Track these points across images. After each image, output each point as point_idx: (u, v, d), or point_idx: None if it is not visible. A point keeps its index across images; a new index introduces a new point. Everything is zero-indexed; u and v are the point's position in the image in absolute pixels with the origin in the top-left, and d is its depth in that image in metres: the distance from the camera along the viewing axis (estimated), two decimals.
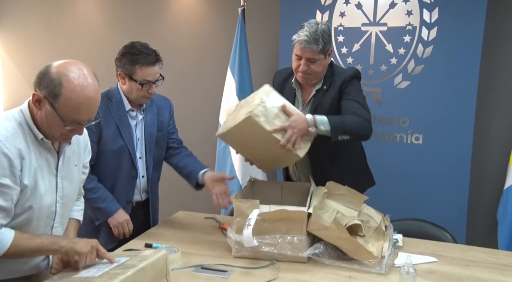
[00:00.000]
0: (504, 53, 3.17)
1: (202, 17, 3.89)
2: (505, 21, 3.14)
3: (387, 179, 2.46)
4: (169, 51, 4.01)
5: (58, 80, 1.36)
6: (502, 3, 3.11)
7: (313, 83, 2.27)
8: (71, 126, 1.41)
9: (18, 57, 4.51)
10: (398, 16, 3.07)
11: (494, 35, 3.11)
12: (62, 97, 1.36)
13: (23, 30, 4.45)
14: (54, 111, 1.38)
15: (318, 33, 2.11)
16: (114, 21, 4.13)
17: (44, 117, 1.41)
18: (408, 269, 1.55)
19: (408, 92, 3.09)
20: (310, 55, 2.14)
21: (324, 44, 2.13)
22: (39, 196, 1.48)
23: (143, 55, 2.07)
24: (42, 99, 1.39)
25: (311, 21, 2.18)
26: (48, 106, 1.38)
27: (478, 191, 3.22)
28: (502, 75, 3.20)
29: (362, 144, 2.46)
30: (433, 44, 3.02)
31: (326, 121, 2.01)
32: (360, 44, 3.17)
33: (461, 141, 3.01)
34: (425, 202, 3.03)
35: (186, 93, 3.97)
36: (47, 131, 1.45)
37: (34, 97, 1.40)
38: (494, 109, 3.23)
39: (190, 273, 1.76)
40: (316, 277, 1.73)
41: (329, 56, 2.22)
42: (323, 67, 2.21)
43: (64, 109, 1.38)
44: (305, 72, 2.19)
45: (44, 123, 1.43)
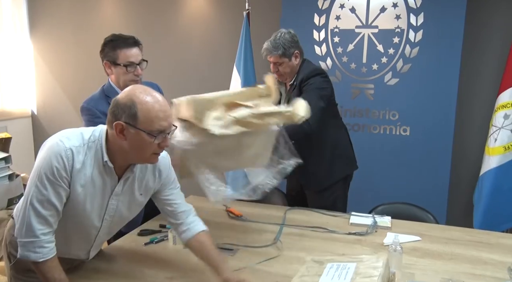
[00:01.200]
0: (481, 53, 3.20)
1: (211, 20, 3.91)
2: (481, 25, 3.16)
3: (378, 167, 2.50)
4: (182, 50, 4.04)
5: (130, 101, 1.31)
6: (479, 9, 3.14)
7: (288, 80, 2.42)
8: (158, 138, 1.34)
9: (49, 58, 4.52)
10: (388, 20, 3.08)
11: (472, 37, 3.14)
12: (139, 113, 1.30)
13: (53, 33, 4.45)
14: (139, 130, 1.31)
15: (278, 41, 2.31)
16: (134, 23, 4.15)
17: (134, 142, 1.33)
18: (395, 247, 1.58)
19: (397, 88, 3.11)
20: (274, 59, 2.34)
21: (285, 49, 2.30)
22: (82, 209, 1.42)
23: (121, 39, 2.07)
24: (124, 127, 1.31)
25: (279, 30, 2.37)
26: (131, 130, 1.32)
27: (457, 177, 3.26)
28: (480, 73, 3.23)
29: (346, 134, 2.51)
30: (419, 45, 3.04)
31: None
32: (354, 45, 3.18)
33: (443, 133, 3.05)
34: (411, 187, 3.06)
35: (196, 88, 3.97)
36: (140, 156, 1.38)
37: (118, 129, 1.32)
38: (472, 104, 3.26)
39: None
40: (313, 255, 1.73)
41: (295, 57, 2.36)
42: (290, 68, 2.36)
43: (145, 124, 1.31)
44: (276, 73, 2.37)
45: (136, 150, 1.35)
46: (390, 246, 1.60)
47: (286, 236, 1.96)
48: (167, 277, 1.57)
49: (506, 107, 2.96)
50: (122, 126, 1.32)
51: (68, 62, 4.44)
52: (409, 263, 1.69)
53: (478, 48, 3.20)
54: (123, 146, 1.35)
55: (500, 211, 2.99)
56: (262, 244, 1.87)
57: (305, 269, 1.46)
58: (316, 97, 2.23)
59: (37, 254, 1.34)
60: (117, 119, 1.32)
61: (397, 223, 2.14)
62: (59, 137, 1.37)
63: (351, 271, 1.37)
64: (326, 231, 2.03)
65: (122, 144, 1.35)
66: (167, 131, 1.37)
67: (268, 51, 2.34)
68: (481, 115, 3.23)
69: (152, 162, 1.43)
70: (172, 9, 4.01)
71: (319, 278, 1.36)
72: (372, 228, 2.06)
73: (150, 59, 2.20)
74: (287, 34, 2.34)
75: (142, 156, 1.39)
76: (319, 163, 2.38)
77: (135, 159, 1.41)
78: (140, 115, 1.30)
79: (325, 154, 2.40)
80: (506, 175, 2.97)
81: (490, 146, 3.01)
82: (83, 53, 4.37)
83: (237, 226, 2.09)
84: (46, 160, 1.33)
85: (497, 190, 2.98)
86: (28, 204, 1.33)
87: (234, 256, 1.76)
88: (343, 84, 3.20)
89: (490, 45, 3.19)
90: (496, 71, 3.14)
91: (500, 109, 2.98)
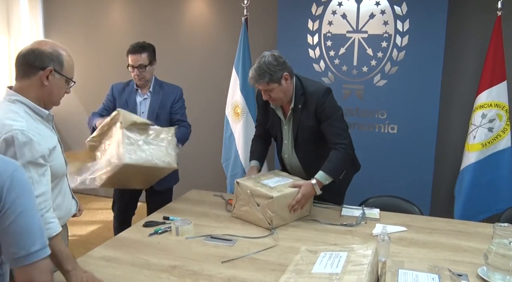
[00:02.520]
0: (461, 57, 3.21)
1: (212, 24, 3.88)
2: (461, 31, 3.18)
3: (367, 163, 2.48)
4: (184, 53, 4.02)
5: (55, 52, 1.41)
6: (459, 17, 3.14)
7: (285, 103, 2.14)
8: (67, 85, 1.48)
9: None
10: (376, 25, 3.07)
11: (453, 43, 3.15)
12: (65, 62, 1.43)
13: (67, 36, 4.42)
14: (62, 76, 1.43)
15: (263, 67, 1.98)
16: (138, 26, 4.13)
17: (55, 86, 1.43)
18: (384, 237, 1.58)
19: (385, 89, 3.11)
20: (263, 87, 2.03)
21: (271, 75, 1.98)
22: (59, 160, 1.47)
23: (130, 46, 2.47)
24: (52, 72, 1.40)
25: (262, 54, 2.04)
26: (57, 75, 1.42)
27: (440, 172, 3.27)
28: (460, 76, 3.24)
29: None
30: (405, 49, 3.03)
31: (326, 176, 2.01)
32: (345, 48, 3.17)
33: (427, 131, 3.05)
34: (398, 181, 3.06)
35: (197, 88, 3.97)
36: (53, 100, 1.46)
37: (46, 73, 1.38)
38: (454, 104, 3.27)
39: (201, 241, 1.77)
40: (307, 245, 1.75)
41: (285, 80, 2.04)
42: (283, 92, 2.06)
43: (67, 71, 1.45)
44: (269, 100, 2.09)
45: (54, 93, 1.44)
46: (379, 236, 1.61)
47: (282, 227, 1.95)
48: (170, 265, 1.55)
49: (483, 108, 2.96)
50: (50, 72, 1.40)
51: (80, 65, 4.40)
52: (396, 251, 1.69)
53: (458, 53, 3.21)
54: (39, 93, 1.41)
55: (478, 203, 3.00)
56: (259, 235, 1.86)
57: (300, 258, 1.45)
58: (343, 121, 2.12)
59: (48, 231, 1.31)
60: (44, 66, 1.39)
61: (385, 214, 2.14)
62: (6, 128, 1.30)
63: (342, 259, 1.35)
64: (319, 223, 2.02)
65: (38, 91, 1.40)
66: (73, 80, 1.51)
67: (254, 80, 2.01)
68: (462, 114, 3.23)
69: (58, 104, 1.51)
70: (175, 14, 3.99)
71: (313, 266, 1.35)
72: (362, 220, 2.04)
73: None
74: (270, 57, 2.00)
75: (56, 99, 1.47)
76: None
77: (50, 102, 1.47)
78: (65, 64, 1.44)
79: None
80: (484, 170, 2.98)
81: (470, 142, 3.01)
82: (94, 55, 4.34)
83: (236, 218, 2.07)
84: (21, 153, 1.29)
85: (476, 184, 3.00)
86: None
87: (233, 246, 1.75)
88: (335, 85, 3.17)
89: (470, 50, 3.20)
90: (475, 74, 3.15)
91: (478, 109, 2.97)
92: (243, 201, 2.02)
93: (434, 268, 1.31)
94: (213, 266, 1.54)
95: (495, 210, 2.97)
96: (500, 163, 2.95)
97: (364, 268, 1.25)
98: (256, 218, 1.97)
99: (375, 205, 2.28)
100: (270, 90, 2.04)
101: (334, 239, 1.82)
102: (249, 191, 1.98)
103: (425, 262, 1.56)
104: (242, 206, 2.04)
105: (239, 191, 2.05)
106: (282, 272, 1.37)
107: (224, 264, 1.57)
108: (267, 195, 1.91)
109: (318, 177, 2.01)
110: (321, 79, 3.18)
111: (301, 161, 2.27)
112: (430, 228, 1.98)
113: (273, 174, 2.22)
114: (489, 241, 1.50)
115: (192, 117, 2.67)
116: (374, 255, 1.37)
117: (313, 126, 2.12)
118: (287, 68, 2.06)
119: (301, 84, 2.12)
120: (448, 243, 1.80)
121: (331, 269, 1.30)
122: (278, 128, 2.27)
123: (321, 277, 1.26)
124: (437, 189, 3.24)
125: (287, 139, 2.27)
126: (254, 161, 2.36)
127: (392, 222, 2.01)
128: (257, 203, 1.95)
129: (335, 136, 2.07)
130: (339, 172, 2.06)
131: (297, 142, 2.22)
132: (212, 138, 3.92)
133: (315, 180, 2.01)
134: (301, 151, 2.25)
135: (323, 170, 2.02)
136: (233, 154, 3.47)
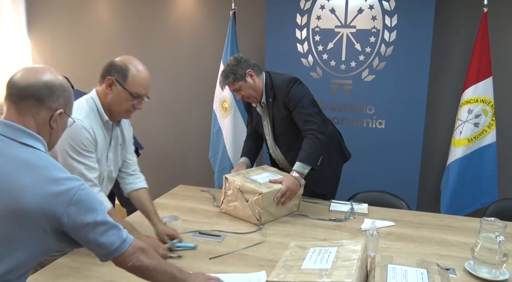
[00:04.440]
0: (448, 53, 3.22)
1: (199, 18, 3.83)
2: (449, 27, 3.19)
3: (355, 158, 2.49)
4: (171, 47, 3.96)
5: (124, 65, 1.52)
6: (446, 12, 3.16)
7: (259, 100, 2.22)
8: (135, 100, 1.55)
9: (47, 55, 4.37)
10: (365, 20, 3.06)
11: (440, 39, 3.16)
12: (129, 76, 1.51)
13: (49, 31, 4.30)
14: (124, 89, 1.52)
15: (226, 70, 2.13)
16: (124, 22, 4.04)
17: (116, 97, 1.53)
18: (372, 232, 1.59)
19: (373, 84, 3.10)
20: (231, 88, 2.16)
21: (234, 74, 2.10)
22: (102, 164, 1.62)
23: None
24: (113, 82, 1.51)
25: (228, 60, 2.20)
26: (118, 86, 1.52)
27: (427, 167, 3.30)
28: (447, 71, 3.25)
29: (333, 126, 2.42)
30: (393, 44, 3.03)
31: (303, 165, 2.04)
32: (333, 43, 3.15)
33: (415, 126, 3.06)
34: (386, 176, 3.07)
35: (185, 83, 3.93)
36: (115, 110, 1.57)
37: (107, 82, 1.52)
38: (441, 100, 3.29)
39: (190, 237, 1.76)
40: (296, 240, 1.74)
41: (250, 76, 2.13)
42: (252, 88, 2.15)
43: (131, 86, 1.52)
44: (243, 99, 2.21)
45: (114, 103, 1.55)
46: (368, 231, 1.62)
47: (270, 223, 1.95)
48: None
49: (470, 103, 2.99)
50: (112, 82, 1.51)
51: (66, 60, 4.29)
52: (385, 246, 1.70)
53: (445, 48, 3.22)
54: (107, 100, 1.55)
55: (464, 197, 3.04)
56: (248, 230, 1.85)
57: (289, 253, 1.44)
58: (309, 107, 2.13)
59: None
60: (109, 75, 1.52)
61: (373, 209, 2.15)
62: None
63: (332, 255, 1.35)
64: (308, 218, 2.02)
65: (105, 98, 1.55)
66: (143, 98, 1.57)
67: (221, 83, 2.17)
68: (448, 110, 3.26)
69: (126, 117, 1.64)
70: (161, 8, 3.92)
71: (303, 262, 1.34)
72: (351, 215, 2.05)
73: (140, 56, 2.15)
74: (232, 60, 2.15)
75: (120, 109, 1.57)
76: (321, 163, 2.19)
77: (114, 112, 1.58)
78: (129, 78, 1.52)
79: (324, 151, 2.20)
80: (469, 165, 3.02)
81: (456, 138, 3.04)
82: (79, 51, 4.24)
83: (224, 214, 2.06)
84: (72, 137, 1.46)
85: (462, 178, 3.03)
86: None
87: (221, 242, 1.74)
88: (323, 80, 3.18)
89: (456, 46, 3.22)
90: (462, 69, 3.17)
91: (464, 104, 3.01)
92: (232, 196, 2.01)
93: (423, 263, 1.32)
94: (202, 262, 1.53)
95: (480, 204, 3.01)
96: (485, 157, 2.99)
97: (354, 264, 1.25)
98: (245, 214, 1.96)
99: (363, 200, 2.29)
100: (238, 89, 2.14)
101: (323, 234, 1.82)
102: (238, 186, 1.97)
103: (413, 257, 1.58)
104: (231, 202, 2.02)
105: (228, 186, 2.04)
106: (272, 268, 1.36)
107: (213, 260, 1.55)
108: (256, 191, 1.90)
109: (295, 168, 2.05)
110: (309, 74, 3.17)
111: (284, 154, 2.30)
112: (418, 222, 1.99)
113: (262, 169, 2.21)
114: (476, 235, 1.51)
115: (180, 112, 2.64)
116: (364, 250, 1.37)
117: (285, 118, 2.18)
118: (250, 66, 2.16)
119: (270, 79, 2.20)
120: (435, 238, 1.82)
121: (320, 265, 1.29)
122: (261, 125, 2.33)
123: (311, 273, 1.25)
124: (424, 184, 3.27)
125: (268, 135, 2.32)
126: (243, 157, 2.39)
127: (381, 217, 2.03)
128: (246, 199, 1.93)
129: (303, 123, 2.12)
130: (314, 158, 2.08)
131: (276, 135, 2.28)
132: (199, 133, 3.89)
133: (294, 172, 2.04)
134: (282, 145, 2.30)
135: (299, 160, 2.06)
136: (221, 149, 3.45)
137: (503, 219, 1.54)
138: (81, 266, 1.48)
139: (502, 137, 3.08)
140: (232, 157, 3.38)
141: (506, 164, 3.17)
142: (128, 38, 4.04)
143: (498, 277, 1.43)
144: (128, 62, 1.53)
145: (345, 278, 1.17)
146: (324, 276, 1.21)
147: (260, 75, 2.19)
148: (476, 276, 1.45)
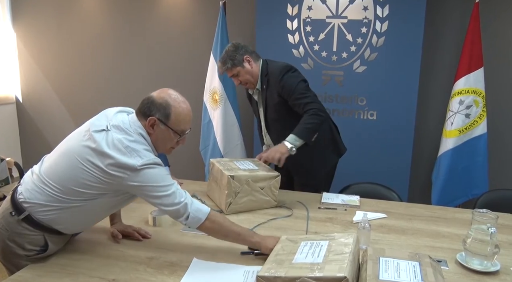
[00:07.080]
0: (440, 44, 3.22)
1: (189, 9, 3.76)
2: (441, 17, 3.17)
3: (347, 149, 2.47)
4: (160, 38, 3.89)
5: (165, 103, 1.45)
6: (437, 3, 3.15)
7: (255, 86, 2.27)
8: (179, 137, 1.50)
9: (32, 46, 4.28)
10: (356, 11, 3.03)
11: (432, 29, 3.15)
12: (172, 115, 1.45)
13: (36, 26, 4.21)
14: (168, 127, 1.46)
15: (224, 56, 2.19)
16: (113, 11, 3.96)
17: (160, 136, 1.48)
18: (364, 224, 1.57)
19: (364, 75, 3.09)
20: (229, 73, 2.22)
21: (232, 60, 2.17)
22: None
23: None
24: (156, 122, 1.44)
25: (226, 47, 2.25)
26: (162, 126, 1.46)
27: (418, 158, 3.30)
28: (439, 62, 3.25)
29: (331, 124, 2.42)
30: (385, 35, 3.02)
31: (295, 137, 2.07)
32: (325, 34, 3.12)
33: (406, 117, 3.06)
34: (377, 168, 3.08)
35: (175, 74, 3.87)
36: (160, 147, 1.51)
37: (150, 123, 1.44)
38: (432, 91, 3.29)
39: (179, 231, 1.74)
40: (287, 234, 1.72)
41: (248, 62, 2.20)
42: (249, 74, 2.21)
43: (174, 124, 1.47)
44: (240, 84, 2.25)
45: (159, 141, 1.49)
46: (359, 223, 1.60)
47: (260, 216, 1.92)
48: (147, 257, 1.51)
49: (461, 94, 2.99)
50: (155, 121, 1.44)
51: (51, 50, 4.22)
52: (376, 238, 1.69)
53: (437, 39, 3.22)
54: (152, 139, 1.47)
55: (454, 188, 3.06)
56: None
57: (280, 247, 1.42)
58: (305, 92, 2.16)
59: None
60: (150, 114, 1.44)
61: (365, 201, 2.14)
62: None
63: (324, 248, 1.33)
64: (298, 210, 1.99)
65: (151, 137, 1.47)
66: (187, 132, 1.53)
67: (220, 69, 2.23)
68: (440, 101, 3.26)
69: (168, 153, 1.58)
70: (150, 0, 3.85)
71: (294, 256, 1.32)
72: (342, 207, 2.04)
73: (129, 47, 2.10)
74: (230, 47, 2.21)
75: (163, 148, 1.52)
76: (311, 157, 2.25)
77: (158, 149, 1.52)
78: (172, 116, 1.45)
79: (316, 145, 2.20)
80: (460, 156, 3.03)
81: (447, 129, 3.05)
82: (65, 41, 4.16)
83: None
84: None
85: (453, 169, 3.05)
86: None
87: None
88: (314, 71, 3.15)
89: (448, 37, 3.21)
90: (453, 60, 3.17)
91: (456, 95, 3.00)
92: (214, 181, 2.08)
93: (415, 256, 1.31)
94: (191, 257, 1.50)
95: (471, 195, 3.03)
96: (476, 148, 3.00)
97: (346, 257, 1.23)
98: (218, 199, 2.02)
99: (355, 191, 2.28)
100: (236, 74, 2.20)
101: (314, 227, 1.80)
102: (219, 169, 2.02)
103: (405, 249, 1.57)
104: (212, 184, 2.10)
105: (212, 171, 2.13)
106: (262, 262, 1.34)
107: (203, 254, 1.53)
108: (227, 174, 1.91)
109: (287, 139, 2.08)
110: (300, 65, 3.13)
111: (274, 142, 2.30)
112: (409, 214, 1.99)
113: (251, 161, 2.19)
114: (468, 227, 1.51)
115: None
116: (356, 243, 1.36)
117: (276, 105, 2.21)
118: (248, 52, 2.21)
119: (266, 67, 2.24)
120: (427, 229, 1.81)
121: (312, 259, 1.27)
122: (257, 113, 2.38)
123: (302, 267, 1.23)
124: (415, 175, 3.28)
125: (262, 121, 2.37)
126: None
127: (372, 209, 2.02)
128: (220, 184, 1.99)
129: (303, 107, 2.13)
130: (309, 133, 2.09)
131: (267, 121, 2.32)
132: None
133: (285, 142, 2.08)
134: (273, 132, 2.34)
135: (293, 133, 2.08)
136: (211, 141, 3.42)
137: (494, 210, 1.53)
138: (68, 263, 1.45)
139: (493, 128, 3.09)
140: (222, 149, 3.35)
141: (496, 155, 3.18)
142: (116, 29, 3.96)
143: (489, 268, 1.43)
144: (169, 97, 1.47)
145: (337, 273, 1.16)
146: (315, 271, 1.19)
147: (258, 62, 2.24)
148: (467, 268, 1.45)
